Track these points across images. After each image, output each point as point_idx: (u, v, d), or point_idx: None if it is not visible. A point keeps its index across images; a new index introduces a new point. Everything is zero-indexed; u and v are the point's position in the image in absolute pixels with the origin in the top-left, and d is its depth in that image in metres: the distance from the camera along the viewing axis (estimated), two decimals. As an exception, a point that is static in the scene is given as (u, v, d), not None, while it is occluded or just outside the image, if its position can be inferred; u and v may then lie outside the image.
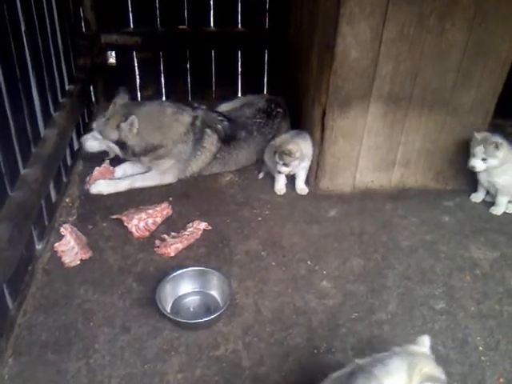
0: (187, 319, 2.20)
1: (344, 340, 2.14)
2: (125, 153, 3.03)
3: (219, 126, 3.22)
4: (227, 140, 3.24)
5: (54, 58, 2.91)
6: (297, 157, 2.91)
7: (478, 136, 2.81)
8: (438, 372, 1.52)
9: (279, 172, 3.00)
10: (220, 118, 3.29)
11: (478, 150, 2.78)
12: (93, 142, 3.04)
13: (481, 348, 2.13)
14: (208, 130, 3.18)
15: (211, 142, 3.19)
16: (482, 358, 2.09)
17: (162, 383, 1.94)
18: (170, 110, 3.10)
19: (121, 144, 2.98)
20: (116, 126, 2.92)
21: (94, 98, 3.97)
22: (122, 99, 3.06)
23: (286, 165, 2.93)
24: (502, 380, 1.99)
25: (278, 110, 3.48)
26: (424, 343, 1.62)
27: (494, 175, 2.85)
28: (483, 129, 3.02)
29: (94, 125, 3.03)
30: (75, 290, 2.33)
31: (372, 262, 2.58)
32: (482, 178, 2.94)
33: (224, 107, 3.59)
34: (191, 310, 2.30)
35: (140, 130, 2.93)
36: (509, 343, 2.15)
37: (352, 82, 2.77)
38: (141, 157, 3.06)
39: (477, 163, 2.81)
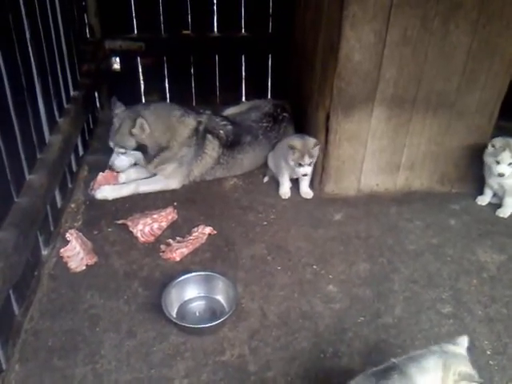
0: (193, 324, 2.20)
1: (350, 344, 2.13)
2: (148, 157, 3.03)
3: (221, 132, 3.23)
4: (231, 145, 3.24)
5: (58, 65, 2.92)
6: (320, 146, 2.94)
7: (498, 142, 2.78)
8: (473, 372, 1.51)
9: (304, 174, 2.98)
10: (224, 122, 3.29)
11: (505, 155, 2.74)
12: (122, 161, 3.04)
13: (488, 352, 2.11)
14: (209, 136, 3.18)
15: (212, 147, 3.19)
16: (490, 362, 2.07)
17: (168, 388, 1.93)
18: (178, 112, 3.12)
19: (141, 148, 2.98)
20: (129, 133, 2.93)
21: (98, 104, 3.98)
22: (119, 108, 3.05)
23: (311, 163, 2.93)
24: (510, 384, 1.98)
25: (284, 114, 3.48)
26: (462, 343, 1.61)
27: (506, 177, 2.82)
28: (489, 131, 3.02)
29: (111, 143, 3.03)
30: (81, 296, 2.33)
31: (378, 265, 2.57)
32: (493, 180, 2.92)
33: (230, 111, 3.60)
34: (197, 314, 2.30)
35: (151, 129, 2.95)
36: (517, 347, 2.14)
37: (356, 86, 2.78)
38: (149, 163, 3.07)
39: (506, 169, 2.77)
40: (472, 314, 2.30)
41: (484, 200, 3.07)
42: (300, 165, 2.92)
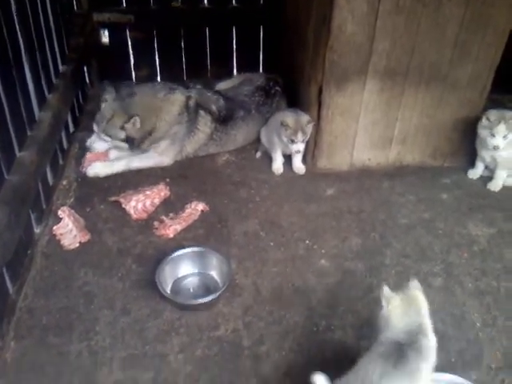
0: (187, 300, 2.22)
1: (343, 318, 2.16)
2: (131, 147, 3.04)
3: (214, 107, 3.19)
4: (224, 120, 3.21)
5: (46, 39, 2.86)
6: (313, 123, 2.93)
7: (492, 115, 2.77)
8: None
9: (297, 151, 2.98)
10: (215, 96, 3.25)
11: (500, 128, 2.73)
12: (101, 144, 3.05)
13: (478, 324, 2.15)
14: (201, 112, 3.15)
15: (205, 123, 3.16)
16: (480, 334, 2.11)
17: (163, 364, 1.96)
18: (162, 91, 3.08)
19: (128, 140, 3.00)
20: (120, 127, 2.94)
21: (88, 80, 3.91)
22: (110, 94, 3.02)
23: (304, 139, 2.92)
24: (499, 356, 2.01)
25: (277, 88, 3.44)
26: (416, 286, 1.74)
27: (500, 150, 2.81)
28: (481, 104, 3.01)
29: (96, 128, 3.02)
30: (75, 273, 2.33)
31: (370, 240, 2.58)
32: (486, 153, 2.92)
33: (222, 85, 3.56)
34: (191, 290, 2.31)
35: (140, 120, 2.95)
36: (506, 319, 2.17)
37: (348, 58, 2.74)
38: (140, 144, 3.06)
39: (500, 142, 2.76)
40: (463, 287, 2.33)
41: (475, 173, 3.08)
42: (293, 141, 2.90)
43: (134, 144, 3.03)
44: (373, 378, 1.53)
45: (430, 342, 1.63)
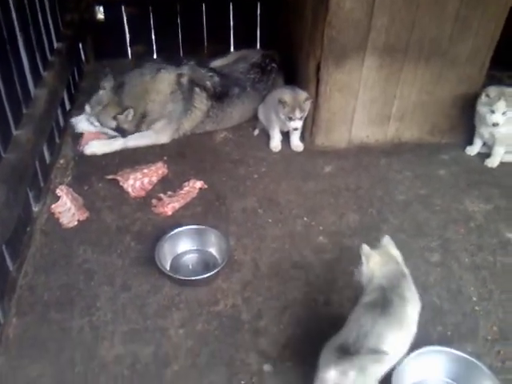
0: (186, 276, 2.23)
1: (341, 293, 2.18)
2: (122, 135, 3.04)
3: (208, 83, 3.17)
4: (219, 97, 3.19)
5: (40, 15, 2.82)
6: (311, 100, 2.91)
7: (492, 92, 2.76)
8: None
9: (295, 128, 2.96)
10: (210, 73, 3.22)
11: (500, 104, 2.72)
12: (86, 126, 3.04)
13: (474, 298, 2.18)
14: (196, 89, 3.13)
15: (200, 100, 3.14)
16: (476, 307, 2.14)
17: (163, 338, 1.98)
18: (148, 74, 3.06)
19: (119, 130, 3.01)
20: (113, 117, 2.95)
21: (83, 57, 3.87)
22: (108, 81, 3.01)
23: (302, 117, 2.91)
24: (495, 328, 2.05)
25: (273, 64, 3.41)
26: (388, 241, 1.88)
27: (499, 126, 2.80)
28: (480, 81, 3.00)
29: (89, 110, 3.01)
30: (74, 251, 2.35)
31: (367, 216, 2.60)
32: (484, 129, 2.92)
33: (217, 62, 3.53)
34: (190, 267, 2.33)
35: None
36: (502, 293, 2.20)
37: (347, 34, 2.72)
38: (137, 130, 3.06)
39: (500, 119, 2.76)
40: (459, 262, 2.35)
41: (473, 150, 3.08)
42: (290, 119, 2.89)
43: (125, 133, 3.03)
44: (364, 329, 1.59)
45: (411, 285, 1.76)
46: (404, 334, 1.67)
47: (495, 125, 2.78)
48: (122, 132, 3.02)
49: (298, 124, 2.94)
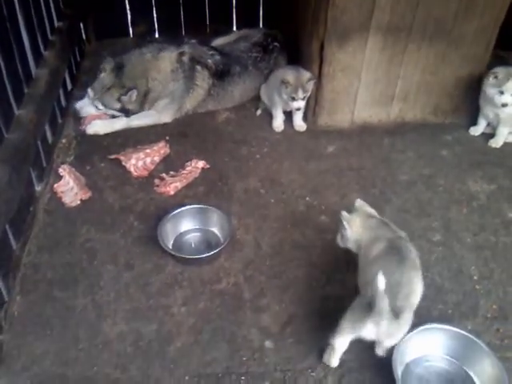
0: (189, 255, 2.25)
1: (342, 271, 2.19)
2: (126, 115, 3.03)
3: (210, 61, 3.15)
4: (221, 75, 3.17)
5: (40, -6, 2.80)
6: (315, 80, 2.90)
7: (500, 73, 2.73)
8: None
9: (298, 108, 2.95)
10: (211, 52, 3.20)
11: (510, 85, 2.70)
12: (91, 109, 3.03)
13: (475, 277, 2.19)
14: (198, 67, 3.11)
15: (202, 78, 3.13)
16: (477, 286, 2.15)
17: (166, 316, 2.00)
18: (149, 54, 3.04)
19: (123, 110, 3.00)
20: (117, 98, 2.94)
21: (84, 36, 3.84)
22: (108, 63, 2.99)
23: (305, 97, 2.89)
24: (494, 307, 2.06)
25: (275, 43, 3.38)
26: (360, 204, 2.02)
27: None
28: (485, 61, 2.96)
29: (91, 94, 3.00)
30: (77, 230, 2.36)
31: (370, 196, 2.58)
32: (490, 110, 2.90)
33: (219, 41, 3.50)
34: (193, 246, 2.34)
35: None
36: (503, 272, 2.21)
37: (351, 14, 2.69)
38: (140, 110, 3.06)
39: (509, 99, 2.74)
40: (461, 242, 2.36)
41: (477, 130, 3.06)
42: (293, 99, 2.88)
43: (129, 113, 3.02)
44: (395, 277, 1.68)
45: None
46: (421, 277, 1.78)
47: (504, 105, 2.76)
48: (127, 112, 3.01)
49: (301, 104, 2.93)
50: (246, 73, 3.25)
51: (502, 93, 2.73)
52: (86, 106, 3.03)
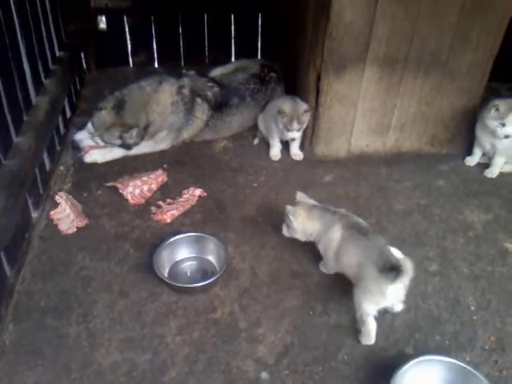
0: (184, 284, 2.23)
1: (339, 302, 2.17)
2: (128, 149, 3.05)
3: (209, 93, 3.19)
4: (219, 107, 3.21)
5: (42, 24, 2.85)
6: (311, 112, 2.93)
7: (502, 106, 2.76)
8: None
9: (292, 138, 2.99)
10: (210, 84, 3.24)
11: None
12: (90, 142, 3.05)
13: (472, 308, 2.17)
14: (198, 99, 3.15)
15: (202, 110, 3.16)
16: (474, 317, 2.13)
17: (160, 345, 1.97)
18: (149, 87, 3.06)
19: (124, 145, 3.02)
20: (119, 136, 2.97)
21: (85, 65, 3.90)
22: (108, 102, 3.00)
23: (300, 128, 2.93)
24: (492, 338, 2.04)
25: (272, 74, 3.43)
26: (303, 196, 2.30)
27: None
28: (479, 92, 3.01)
29: (92, 129, 3.03)
30: (73, 257, 2.34)
31: (367, 225, 2.59)
32: (486, 139, 2.93)
33: (216, 72, 3.55)
34: (188, 274, 2.33)
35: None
36: (500, 303, 2.19)
37: (347, 46, 2.74)
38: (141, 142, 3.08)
39: (511, 131, 2.78)
40: (458, 272, 2.35)
41: (473, 160, 3.09)
42: (288, 129, 2.91)
43: (131, 148, 3.03)
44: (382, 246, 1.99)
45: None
46: None
47: (507, 137, 2.79)
48: (128, 147, 3.02)
49: (296, 135, 2.96)
50: (244, 104, 3.29)
51: (503, 125, 2.76)
52: (85, 139, 3.05)
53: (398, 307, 2.09)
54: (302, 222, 2.20)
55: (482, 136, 2.95)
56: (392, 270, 1.83)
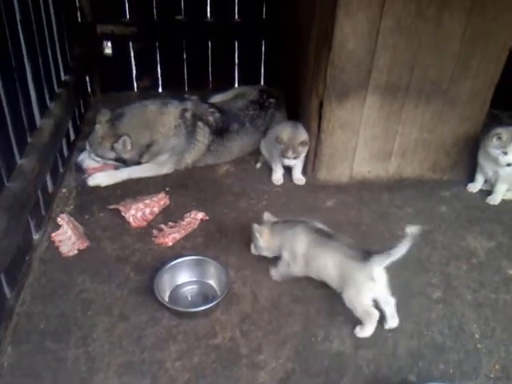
0: (185, 308, 2.21)
1: (341, 328, 2.15)
2: (125, 164, 3.07)
3: (211, 118, 3.22)
4: (220, 132, 3.24)
5: (49, 48, 2.89)
6: (308, 145, 2.96)
7: (504, 134, 2.77)
8: None
9: (289, 165, 3.03)
10: (211, 109, 3.28)
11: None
12: (91, 163, 3.07)
13: (477, 336, 2.15)
14: (200, 123, 3.18)
15: (203, 134, 3.19)
16: (478, 345, 2.10)
17: (160, 371, 1.94)
18: (153, 106, 3.11)
19: (120, 160, 3.04)
20: (110, 147, 2.98)
21: (90, 89, 3.95)
22: (103, 116, 3.05)
23: (296, 157, 2.95)
24: (497, 367, 2.01)
25: (270, 100, 3.47)
26: (269, 215, 2.41)
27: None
28: (480, 120, 3.03)
29: (88, 146, 3.06)
30: (73, 280, 2.33)
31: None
32: (489, 167, 2.94)
33: (217, 98, 3.60)
34: (189, 299, 2.31)
35: (132, 141, 2.98)
36: (504, 331, 2.17)
37: (349, 73, 2.77)
38: (139, 160, 3.09)
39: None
40: (461, 299, 2.33)
41: (475, 187, 3.09)
42: (284, 156, 2.93)
43: (128, 163, 3.05)
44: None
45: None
46: None
47: (510, 165, 2.80)
48: (124, 162, 3.04)
49: (292, 162, 3.00)
50: (244, 130, 3.32)
51: (505, 153, 2.78)
52: (86, 160, 3.07)
53: (394, 323, 2.13)
54: (267, 239, 2.31)
55: (485, 163, 2.97)
56: (370, 256, 2.02)
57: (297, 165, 3.08)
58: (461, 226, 2.80)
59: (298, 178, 3.12)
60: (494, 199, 2.98)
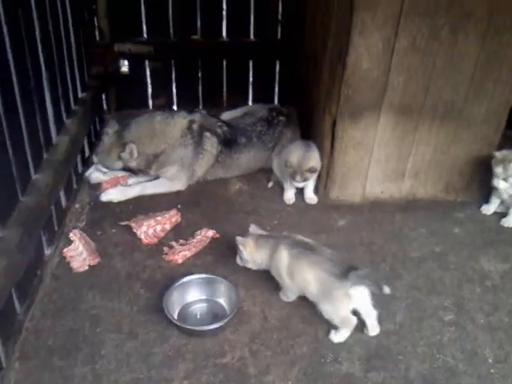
0: (194, 326, 2.20)
1: (351, 350, 2.12)
2: (133, 174, 3.11)
3: (219, 130, 3.26)
4: (228, 143, 3.27)
5: (67, 66, 2.94)
6: (318, 170, 2.96)
7: (498, 155, 2.79)
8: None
9: (297, 186, 3.04)
10: (219, 123, 3.32)
11: (498, 170, 2.79)
12: (98, 175, 3.11)
13: (490, 360, 2.10)
14: (207, 133, 3.21)
15: (211, 144, 3.22)
16: (492, 370, 2.06)
17: (167, 389, 1.93)
18: (159, 117, 3.15)
19: (127, 169, 3.07)
20: (117, 156, 3.01)
21: (105, 106, 4.01)
22: (111, 128, 3.10)
23: (302, 181, 2.97)
24: (511, 393, 1.96)
25: (280, 118, 3.49)
26: (255, 228, 2.43)
27: None
28: (495, 141, 3.00)
29: (96, 159, 3.11)
30: (83, 296, 2.34)
31: (381, 272, 2.55)
32: (503, 189, 2.91)
33: (226, 116, 3.64)
34: (198, 317, 2.30)
35: (138, 149, 3.00)
36: (518, 356, 2.12)
37: (363, 93, 2.78)
38: (147, 170, 3.11)
39: (500, 183, 2.82)
40: (474, 322, 2.28)
41: (489, 209, 3.05)
42: (292, 179, 2.95)
43: (136, 172, 3.08)
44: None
45: None
46: None
47: (496, 187, 2.82)
48: (133, 172, 3.06)
49: (300, 185, 3.01)
50: (251, 144, 3.35)
51: (495, 175, 2.79)
52: (93, 173, 3.11)
53: (374, 332, 2.17)
54: (251, 252, 2.33)
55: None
56: (349, 272, 2.02)
57: (309, 184, 3.07)
58: (475, 248, 2.76)
59: (310, 197, 3.11)
60: (509, 222, 2.94)
